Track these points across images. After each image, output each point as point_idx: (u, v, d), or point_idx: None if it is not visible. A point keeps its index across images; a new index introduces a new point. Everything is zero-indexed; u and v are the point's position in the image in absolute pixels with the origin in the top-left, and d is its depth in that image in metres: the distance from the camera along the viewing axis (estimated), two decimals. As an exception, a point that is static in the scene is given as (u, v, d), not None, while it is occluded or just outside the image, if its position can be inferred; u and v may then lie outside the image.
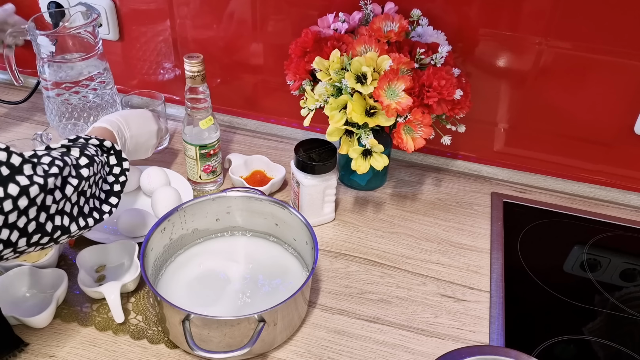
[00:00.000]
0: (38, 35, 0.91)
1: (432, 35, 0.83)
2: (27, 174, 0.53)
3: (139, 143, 0.83)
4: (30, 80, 1.12)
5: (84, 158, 0.62)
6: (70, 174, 0.59)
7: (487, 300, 0.77)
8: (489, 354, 0.64)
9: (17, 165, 0.52)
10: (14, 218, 0.52)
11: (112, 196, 0.67)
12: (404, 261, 0.82)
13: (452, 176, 1.00)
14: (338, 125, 0.77)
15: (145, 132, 0.84)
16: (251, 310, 0.62)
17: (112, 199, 0.67)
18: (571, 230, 0.90)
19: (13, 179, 0.51)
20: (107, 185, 0.68)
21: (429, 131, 0.78)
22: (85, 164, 0.62)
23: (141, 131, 0.82)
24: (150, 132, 0.85)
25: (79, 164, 0.61)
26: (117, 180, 0.69)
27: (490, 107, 0.94)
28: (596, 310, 0.76)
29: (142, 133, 0.83)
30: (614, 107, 0.88)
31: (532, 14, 0.84)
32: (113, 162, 0.69)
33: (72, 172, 0.59)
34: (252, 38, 0.99)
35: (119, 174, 0.69)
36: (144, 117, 0.85)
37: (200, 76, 0.82)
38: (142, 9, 1.02)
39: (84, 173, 0.61)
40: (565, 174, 0.98)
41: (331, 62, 0.78)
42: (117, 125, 0.78)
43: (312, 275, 0.67)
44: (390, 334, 0.71)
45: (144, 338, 0.69)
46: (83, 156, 0.62)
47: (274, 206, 0.77)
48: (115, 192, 0.68)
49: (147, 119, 0.85)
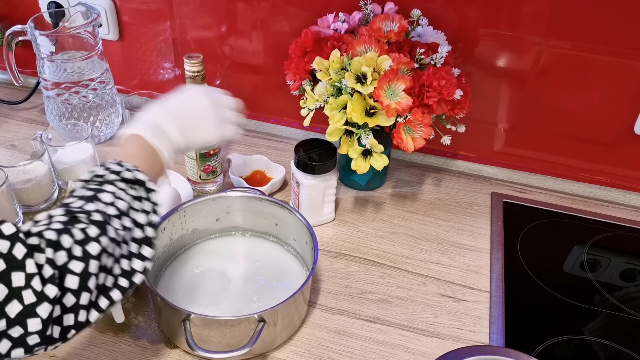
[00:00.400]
0: (38, 35, 0.91)
1: (432, 35, 0.83)
2: (28, 270, 0.42)
3: (191, 126, 0.65)
4: (30, 80, 1.12)
5: (92, 228, 0.48)
6: (72, 256, 0.46)
7: (487, 300, 0.77)
8: (489, 354, 0.64)
9: (18, 260, 0.42)
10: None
11: (143, 245, 0.53)
12: (404, 261, 0.82)
13: (452, 176, 1.00)
14: (338, 125, 0.77)
15: (193, 111, 0.66)
16: (251, 310, 0.62)
17: (143, 250, 0.53)
18: (571, 230, 0.90)
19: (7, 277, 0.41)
20: (139, 230, 0.53)
21: (429, 131, 0.78)
22: (95, 237, 0.48)
23: (188, 114, 0.65)
24: (199, 107, 0.66)
25: (87, 236, 0.47)
26: (147, 220, 0.54)
27: (490, 107, 0.94)
28: (596, 310, 0.76)
29: (189, 116, 0.65)
30: (614, 107, 0.88)
31: (532, 14, 0.84)
32: (142, 194, 0.55)
33: (74, 254, 0.46)
34: (252, 38, 0.99)
35: (148, 212, 0.55)
36: (189, 95, 0.68)
37: (200, 76, 0.82)
38: (142, 9, 1.02)
39: (91, 250, 0.47)
40: (565, 174, 0.98)
41: (331, 62, 0.78)
42: (153, 125, 0.61)
43: (312, 275, 0.67)
44: (390, 334, 0.71)
45: (144, 338, 0.69)
46: (91, 225, 0.48)
47: (274, 206, 0.77)
48: (147, 238, 0.54)
49: (193, 95, 0.68)
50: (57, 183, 0.90)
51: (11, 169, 0.82)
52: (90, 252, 0.47)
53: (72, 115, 0.98)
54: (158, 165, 0.60)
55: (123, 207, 0.52)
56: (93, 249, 0.47)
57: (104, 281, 0.49)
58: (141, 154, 0.59)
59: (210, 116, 0.66)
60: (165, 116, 0.62)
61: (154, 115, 0.62)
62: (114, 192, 0.52)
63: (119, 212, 0.51)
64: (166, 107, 0.64)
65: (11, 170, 0.82)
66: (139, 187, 0.55)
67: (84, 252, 0.46)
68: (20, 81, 1.01)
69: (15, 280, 0.41)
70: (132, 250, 0.52)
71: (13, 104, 1.11)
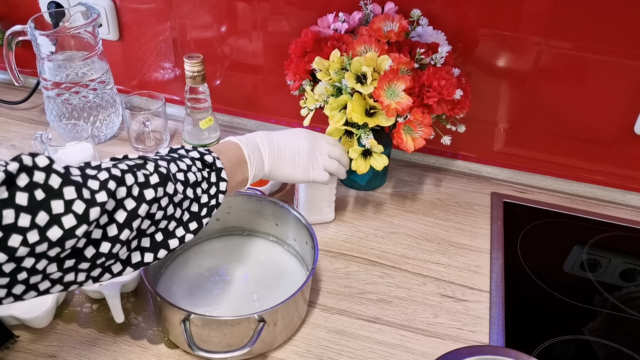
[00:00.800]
0: (38, 35, 0.91)
1: (432, 35, 0.83)
2: (67, 198, 0.44)
3: (283, 159, 0.69)
4: (30, 80, 1.12)
5: (156, 176, 0.52)
6: (131, 194, 0.49)
7: (487, 300, 0.77)
8: (489, 354, 0.64)
9: (55, 187, 0.43)
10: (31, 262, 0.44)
11: (193, 219, 0.57)
12: (404, 261, 0.82)
13: (452, 176, 1.00)
14: (338, 125, 0.77)
15: (291, 148, 0.70)
16: (251, 310, 0.62)
17: (190, 223, 0.56)
18: (571, 230, 0.90)
19: (47, 204, 0.43)
20: (196, 205, 0.57)
21: (429, 131, 0.78)
22: (155, 184, 0.51)
23: (286, 149, 0.70)
24: (298, 147, 0.71)
25: (148, 181, 0.51)
26: (207, 202, 0.58)
27: (490, 107, 0.94)
28: (596, 310, 0.76)
29: (286, 151, 0.70)
30: (614, 107, 0.88)
31: (532, 14, 0.84)
32: (213, 179, 0.59)
33: (132, 193, 0.49)
34: (252, 38, 0.99)
35: (212, 196, 0.59)
36: (294, 133, 0.73)
37: (200, 76, 0.82)
38: (142, 9, 1.02)
39: (147, 195, 0.50)
40: (565, 174, 0.98)
41: (331, 62, 0.78)
42: (254, 143, 0.67)
43: (312, 275, 0.67)
44: (390, 334, 0.71)
45: (144, 338, 0.69)
46: (156, 173, 0.52)
47: (274, 206, 0.77)
48: (198, 215, 0.57)
49: (298, 135, 0.72)
50: (57, 183, 0.90)
51: (11, 169, 0.82)
52: (145, 196, 0.50)
53: (72, 115, 0.98)
54: (240, 175, 0.64)
55: (192, 179, 0.56)
56: (149, 194, 0.50)
57: (147, 228, 0.52)
58: (231, 156, 0.63)
59: (304, 160, 0.71)
60: (267, 142, 0.68)
61: (258, 137, 0.68)
62: (190, 166, 0.57)
63: (186, 180, 0.55)
64: (271, 136, 0.69)
65: (11, 170, 0.82)
66: (213, 173, 0.59)
67: (139, 193, 0.50)
68: (20, 81, 1.01)
69: (55, 208, 0.43)
70: (183, 218, 0.56)
71: (13, 104, 1.11)
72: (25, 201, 0.42)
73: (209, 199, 0.58)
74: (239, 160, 0.64)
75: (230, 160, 0.62)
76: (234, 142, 0.66)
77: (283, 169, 0.70)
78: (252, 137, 0.68)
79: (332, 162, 0.75)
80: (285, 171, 0.70)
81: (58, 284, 0.47)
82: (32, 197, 0.42)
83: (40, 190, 0.43)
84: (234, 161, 0.63)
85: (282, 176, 0.70)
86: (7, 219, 0.41)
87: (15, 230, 0.41)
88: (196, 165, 0.58)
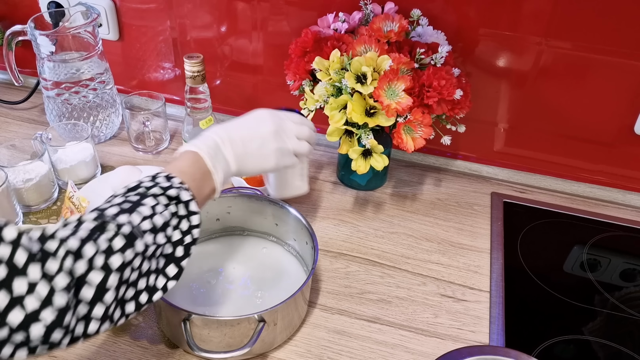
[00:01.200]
0: (38, 35, 0.91)
1: (432, 35, 0.83)
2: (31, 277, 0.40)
3: (249, 154, 0.63)
4: (30, 80, 1.12)
5: (120, 238, 0.46)
6: (94, 267, 0.44)
7: (487, 300, 0.77)
8: (489, 354, 0.64)
9: (19, 267, 0.40)
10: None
11: (171, 264, 0.52)
12: (404, 261, 0.82)
13: (452, 176, 1.00)
14: (338, 125, 0.77)
15: (255, 139, 0.64)
16: (251, 310, 0.62)
17: (169, 269, 0.52)
18: (571, 230, 0.90)
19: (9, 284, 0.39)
20: (170, 247, 0.52)
21: (429, 131, 0.78)
22: (121, 248, 0.46)
23: (249, 141, 0.63)
24: (263, 136, 0.64)
25: (111, 247, 0.46)
26: (181, 240, 0.53)
27: (490, 107, 0.94)
28: (596, 310, 0.76)
29: (250, 143, 0.63)
30: (614, 107, 0.88)
31: (532, 14, 0.84)
32: (182, 212, 0.53)
33: (95, 265, 0.44)
34: (252, 38, 0.99)
35: (185, 232, 0.53)
36: (256, 119, 0.66)
37: (200, 76, 0.82)
38: (142, 8, 1.02)
39: (114, 263, 0.45)
40: (565, 174, 0.98)
41: (331, 62, 0.78)
42: (213, 147, 0.60)
43: (312, 275, 0.67)
44: (390, 334, 0.71)
45: (144, 338, 0.69)
46: (119, 235, 0.47)
47: (274, 206, 0.77)
48: (176, 258, 0.52)
49: (258, 120, 0.66)
50: (57, 183, 0.90)
51: (11, 169, 0.82)
52: (112, 265, 0.45)
53: (72, 115, 0.98)
54: (208, 188, 0.59)
55: (159, 222, 0.50)
56: (116, 261, 0.45)
57: (124, 294, 0.48)
58: (194, 172, 0.57)
59: (272, 146, 0.64)
60: (228, 140, 0.61)
61: (216, 136, 0.61)
62: (154, 206, 0.51)
63: (154, 227, 0.50)
64: (229, 129, 0.63)
65: (11, 170, 0.82)
66: (181, 206, 0.53)
67: (105, 263, 0.45)
68: (20, 81, 1.01)
69: (18, 288, 0.39)
70: (159, 267, 0.51)
71: (13, 104, 1.11)
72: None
73: (183, 235, 0.53)
74: (203, 174, 0.58)
75: (194, 178, 0.57)
76: (193, 151, 0.59)
77: (251, 165, 0.64)
78: (211, 139, 0.61)
79: (302, 143, 0.68)
80: (253, 166, 0.64)
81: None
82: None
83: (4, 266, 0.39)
84: (199, 177, 0.57)
85: (252, 171, 0.65)
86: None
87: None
88: (161, 202, 0.52)
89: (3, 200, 0.78)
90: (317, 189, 0.95)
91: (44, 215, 0.86)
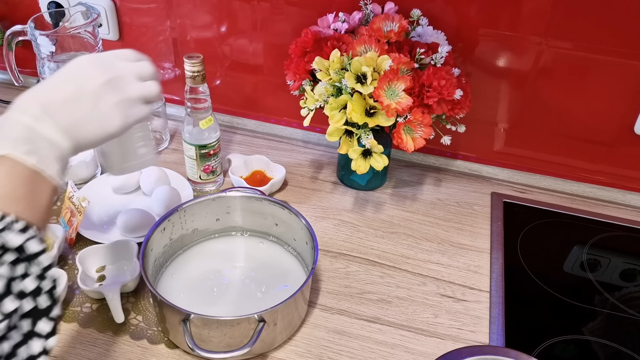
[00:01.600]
0: (38, 35, 0.91)
1: (432, 35, 0.83)
2: None
3: (83, 120, 0.47)
4: (30, 80, 1.12)
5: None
6: None
7: (487, 300, 0.76)
8: (489, 354, 0.64)
9: None
10: None
11: (40, 320, 0.40)
12: (404, 261, 0.82)
13: (452, 176, 1.00)
14: (338, 125, 0.77)
15: (84, 97, 0.48)
16: (251, 310, 0.62)
17: (39, 327, 0.40)
18: (571, 230, 0.90)
19: None
20: (29, 303, 0.39)
21: (429, 131, 0.78)
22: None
23: (76, 100, 0.47)
24: (94, 90, 0.48)
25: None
26: (38, 290, 0.40)
27: (490, 107, 0.94)
28: (596, 310, 0.76)
29: (79, 103, 0.47)
30: (614, 107, 0.88)
31: (532, 14, 0.84)
32: (23, 255, 0.39)
33: None
34: (252, 38, 0.99)
35: (39, 276, 0.40)
36: (76, 70, 0.50)
37: (200, 76, 0.82)
38: (142, 8, 1.02)
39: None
40: (565, 174, 0.98)
41: (331, 62, 0.78)
42: (25, 133, 0.44)
43: (312, 275, 0.67)
44: (390, 334, 0.71)
45: (144, 338, 0.69)
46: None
47: (274, 206, 0.77)
48: (42, 310, 0.40)
49: (78, 69, 0.50)
50: (57, 183, 0.90)
51: (11, 169, 0.82)
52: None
53: (72, 115, 0.97)
54: (43, 193, 0.44)
55: (1, 285, 0.38)
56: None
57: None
58: (15, 186, 0.42)
59: (110, 100, 0.49)
60: (43, 113, 0.45)
61: (25, 115, 0.45)
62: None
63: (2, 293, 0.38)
64: (42, 96, 0.46)
65: (11, 170, 0.82)
66: (16, 251, 0.39)
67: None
68: (20, 81, 1.01)
69: None
70: (25, 332, 0.39)
71: (13, 104, 1.11)
72: None
73: (39, 282, 0.40)
74: (27, 181, 0.43)
75: (17, 195, 0.42)
76: (4, 156, 0.42)
77: (90, 133, 0.47)
78: (18, 123, 0.44)
79: (148, 84, 0.53)
80: (94, 134, 0.48)
81: None
82: None
83: None
84: (23, 191, 0.42)
85: (94, 141, 0.49)
86: None
87: None
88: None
89: (3, 200, 0.78)
90: (317, 189, 0.95)
91: (44, 215, 0.86)
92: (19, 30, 0.94)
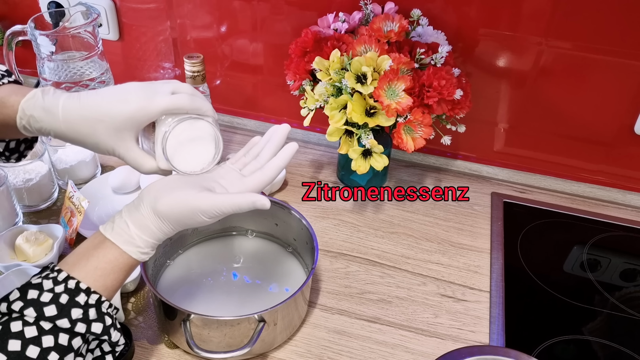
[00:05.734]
0: (38, 35, 0.91)
1: (432, 35, 0.83)
2: None
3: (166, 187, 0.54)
4: (30, 80, 1.12)
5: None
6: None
7: (487, 300, 0.77)
8: (489, 354, 0.64)
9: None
10: None
11: None
12: (404, 261, 0.82)
13: (452, 176, 1.00)
14: (338, 125, 0.77)
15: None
16: (251, 310, 0.62)
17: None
18: (571, 230, 0.90)
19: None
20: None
21: (429, 131, 0.78)
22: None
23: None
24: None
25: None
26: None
27: (490, 107, 0.94)
28: (596, 310, 0.76)
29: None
30: (614, 107, 0.88)
31: (532, 14, 0.84)
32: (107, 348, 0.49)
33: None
34: (252, 38, 0.99)
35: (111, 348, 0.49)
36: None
37: (200, 76, 0.82)
38: (142, 8, 1.02)
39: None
40: (565, 174, 0.98)
41: (331, 62, 0.78)
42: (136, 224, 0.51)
43: (312, 275, 0.67)
44: (390, 334, 0.71)
45: (143, 338, 0.69)
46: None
47: (274, 206, 0.77)
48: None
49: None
50: (57, 183, 0.90)
51: (11, 169, 0.82)
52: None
53: (72, 115, 0.97)
54: (123, 271, 0.51)
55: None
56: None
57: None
58: (120, 277, 0.51)
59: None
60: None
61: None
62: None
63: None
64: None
65: (11, 170, 0.82)
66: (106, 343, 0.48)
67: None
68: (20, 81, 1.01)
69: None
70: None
71: (13, 104, 1.11)
72: None
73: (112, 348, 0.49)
74: (124, 271, 0.50)
75: (113, 283, 0.49)
76: (118, 248, 0.50)
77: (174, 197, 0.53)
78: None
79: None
80: (179, 196, 0.53)
81: None
82: None
83: None
84: (123, 278, 0.51)
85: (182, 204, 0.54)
86: None
87: None
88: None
89: (3, 200, 0.78)
90: (317, 189, 0.95)
91: (44, 215, 0.86)
92: (19, 30, 0.94)
